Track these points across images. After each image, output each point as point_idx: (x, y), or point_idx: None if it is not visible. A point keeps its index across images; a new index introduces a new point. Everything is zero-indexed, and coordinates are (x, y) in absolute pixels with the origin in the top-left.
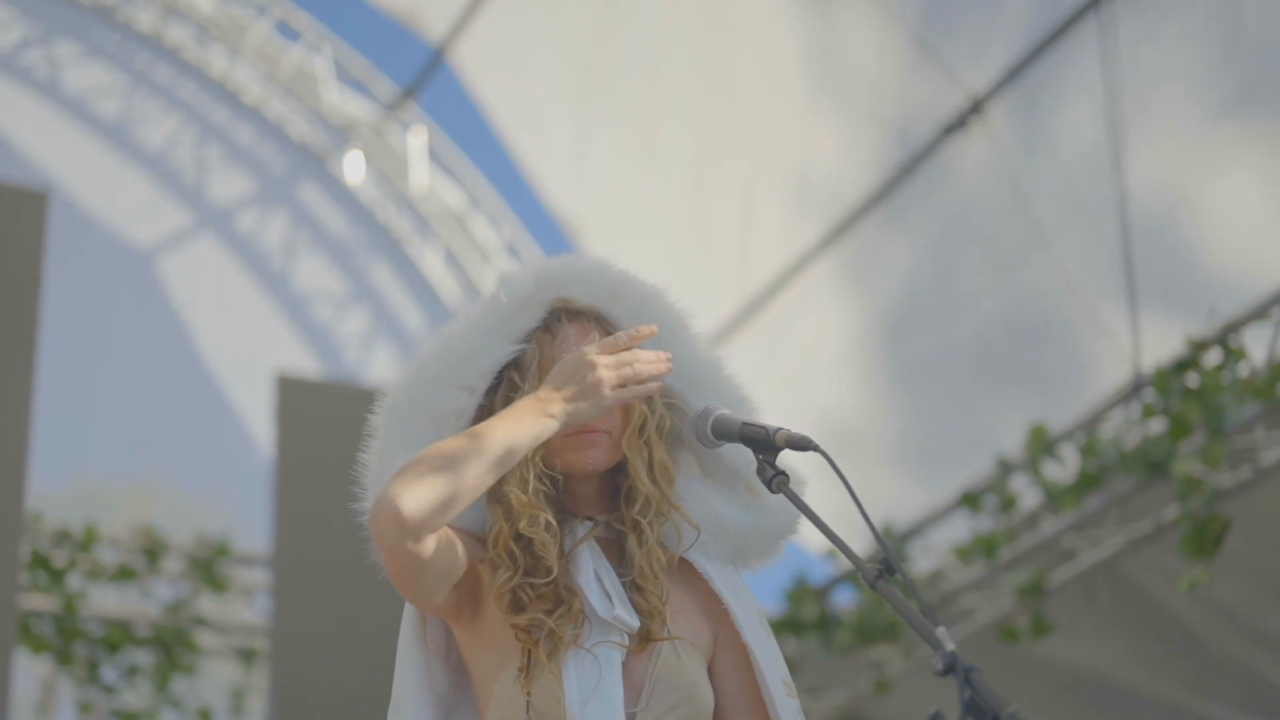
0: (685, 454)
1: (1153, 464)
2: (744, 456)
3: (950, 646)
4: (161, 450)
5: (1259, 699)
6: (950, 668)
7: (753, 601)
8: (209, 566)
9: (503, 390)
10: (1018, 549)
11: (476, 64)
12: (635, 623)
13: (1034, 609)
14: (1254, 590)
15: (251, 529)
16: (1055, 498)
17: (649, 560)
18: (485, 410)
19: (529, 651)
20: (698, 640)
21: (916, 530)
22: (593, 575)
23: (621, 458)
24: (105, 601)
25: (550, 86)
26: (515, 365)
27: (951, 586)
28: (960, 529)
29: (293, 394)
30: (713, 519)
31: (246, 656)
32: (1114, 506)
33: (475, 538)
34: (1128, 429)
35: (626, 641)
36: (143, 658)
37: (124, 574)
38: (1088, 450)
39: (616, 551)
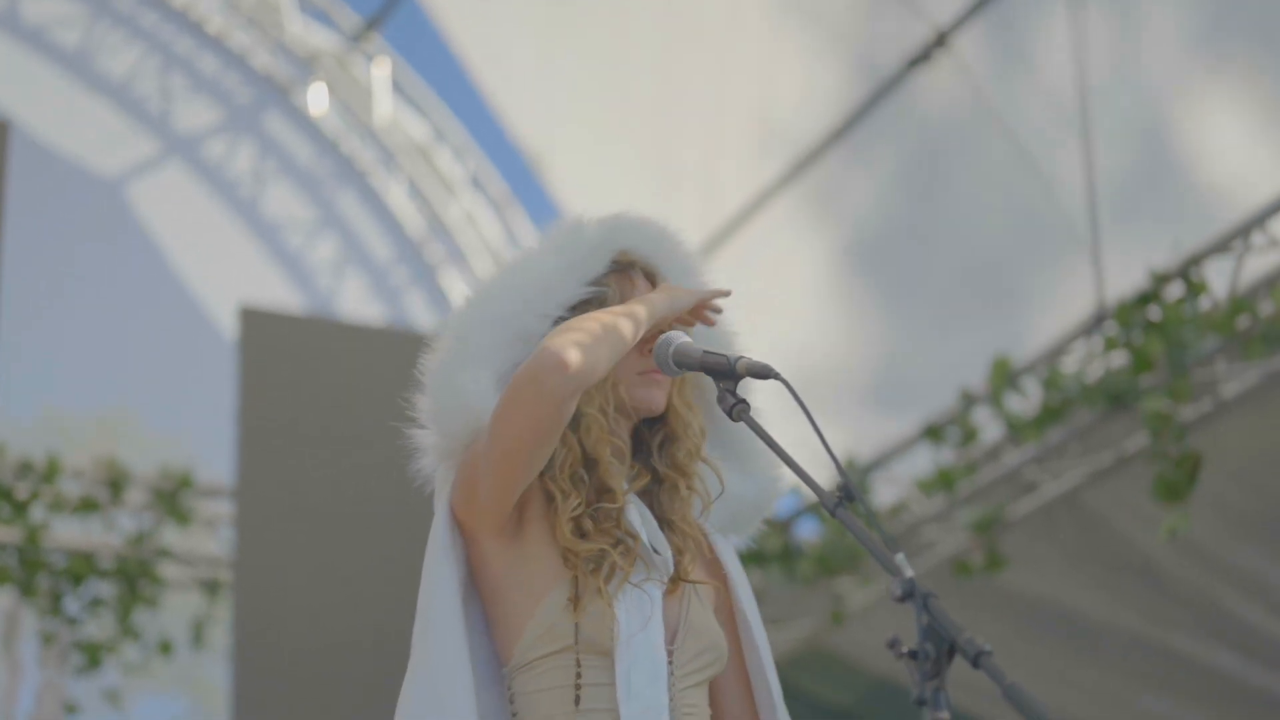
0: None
1: (1114, 397)
2: (740, 428)
3: (909, 573)
4: (129, 382)
5: (1218, 629)
6: (908, 594)
7: (744, 574)
8: (172, 498)
9: None
10: (979, 481)
11: None
12: (672, 566)
13: (988, 543)
14: (1214, 522)
15: (216, 461)
16: (1017, 430)
17: (687, 504)
18: None
19: (577, 580)
20: (713, 594)
21: (879, 462)
22: (639, 518)
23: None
24: (68, 533)
25: (515, 18)
26: (593, 303)
27: (913, 518)
28: (923, 461)
29: (256, 326)
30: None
31: (210, 588)
32: (1075, 439)
33: None
34: (1090, 362)
35: (665, 581)
36: (105, 589)
37: (87, 505)
38: (1050, 383)
39: (645, 502)
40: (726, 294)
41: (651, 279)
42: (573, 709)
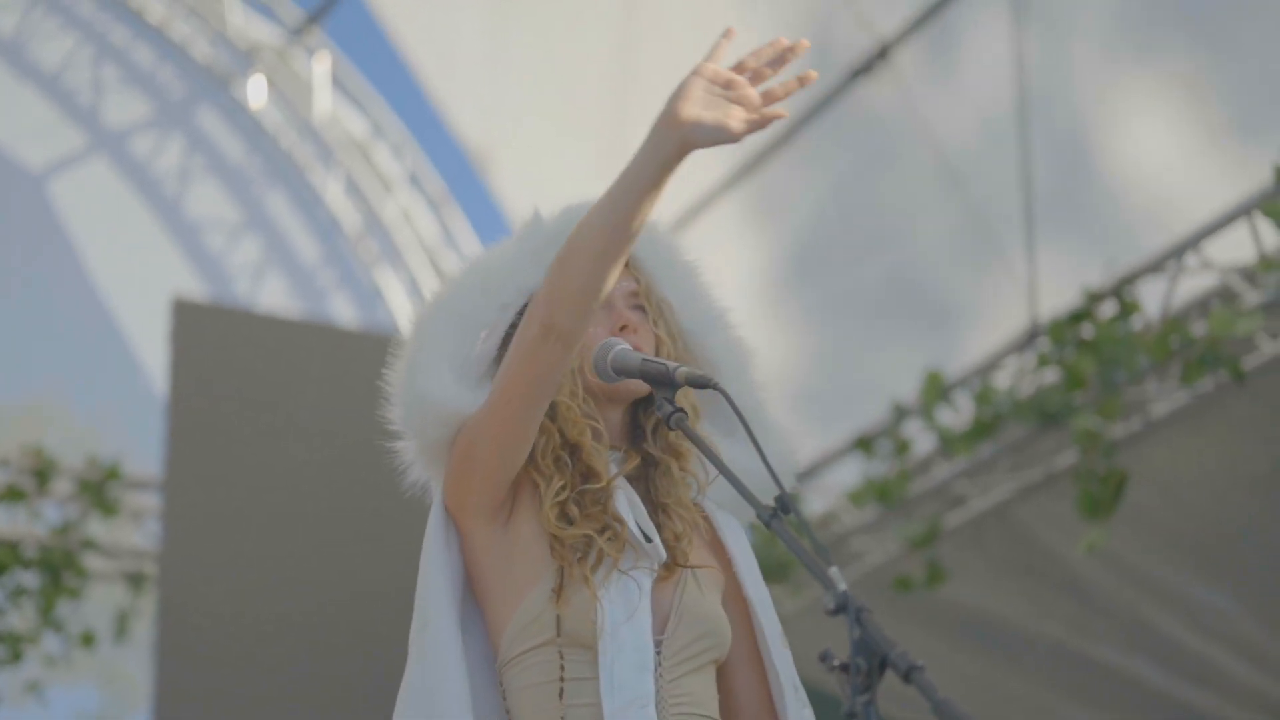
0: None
1: (1046, 414)
2: (744, 404)
3: (842, 586)
4: (53, 373)
5: (1142, 642)
6: (841, 607)
7: (751, 552)
8: (99, 489)
9: None
10: (910, 494)
11: None
12: (664, 553)
13: (928, 559)
14: (1141, 539)
15: (143, 453)
16: (949, 444)
17: (681, 487)
18: (509, 334)
19: (563, 570)
20: (718, 577)
21: (810, 472)
22: (626, 504)
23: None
24: None
25: (461, 14)
26: None
27: (843, 529)
28: (853, 472)
29: (188, 318)
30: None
31: (134, 581)
32: (1006, 454)
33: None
34: (1022, 378)
35: (655, 569)
36: (29, 579)
37: (13, 495)
38: (982, 398)
39: (639, 486)
40: (728, 34)
41: (628, 267)
42: (557, 703)
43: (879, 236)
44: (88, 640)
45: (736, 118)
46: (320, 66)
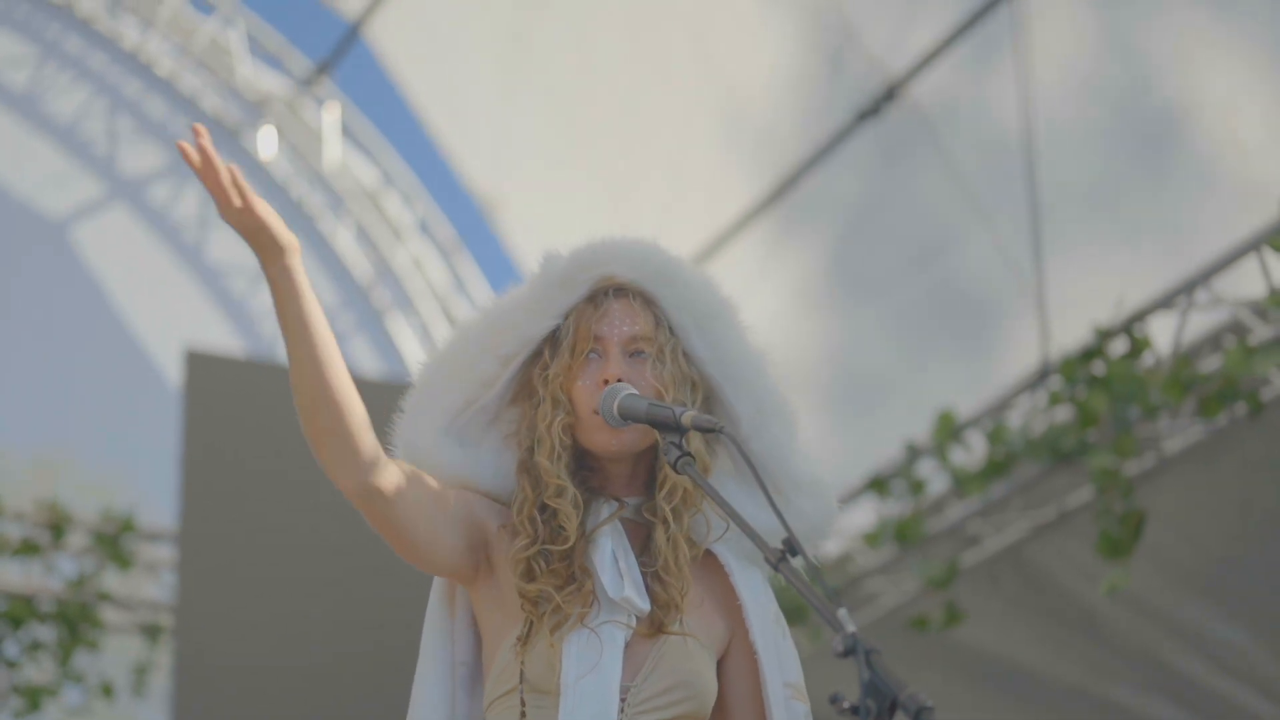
0: (719, 448)
1: (1059, 452)
2: (773, 456)
3: (851, 628)
4: (71, 423)
5: (1161, 682)
6: (851, 649)
7: (770, 603)
8: (114, 542)
9: (539, 365)
10: (924, 534)
11: (392, 40)
12: (645, 605)
13: (945, 599)
14: (1157, 577)
15: (159, 504)
16: (962, 484)
17: (674, 551)
18: (519, 383)
19: (530, 622)
20: (712, 636)
21: None
22: (609, 555)
23: (655, 442)
24: (9, 576)
25: (469, 63)
26: (552, 339)
27: (858, 570)
28: (868, 513)
29: (202, 370)
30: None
31: (150, 633)
32: (1019, 493)
33: (500, 502)
34: (1034, 416)
35: (633, 623)
36: (45, 633)
37: (28, 548)
38: (995, 437)
39: (643, 537)
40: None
41: (635, 300)
42: None
43: (887, 276)
44: (107, 691)
45: (229, 205)
46: (330, 116)
